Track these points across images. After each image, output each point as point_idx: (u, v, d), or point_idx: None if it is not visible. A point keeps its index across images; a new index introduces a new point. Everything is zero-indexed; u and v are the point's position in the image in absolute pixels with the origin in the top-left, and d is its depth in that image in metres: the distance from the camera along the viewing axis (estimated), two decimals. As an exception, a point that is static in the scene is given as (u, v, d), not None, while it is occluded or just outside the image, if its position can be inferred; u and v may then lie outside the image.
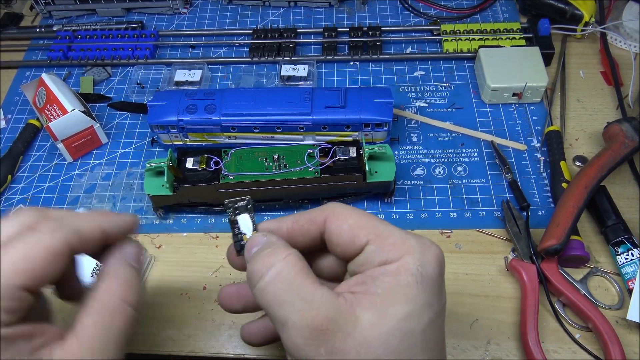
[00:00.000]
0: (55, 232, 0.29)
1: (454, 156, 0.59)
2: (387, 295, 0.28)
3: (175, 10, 0.78)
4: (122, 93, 0.69)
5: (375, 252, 0.30)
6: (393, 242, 0.30)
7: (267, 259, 0.29)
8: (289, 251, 0.30)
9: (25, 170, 0.62)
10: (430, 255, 0.29)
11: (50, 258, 0.28)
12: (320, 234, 0.32)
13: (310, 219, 0.32)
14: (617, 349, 0.43)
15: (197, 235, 0.55)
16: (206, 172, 0.53)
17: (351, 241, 0.31)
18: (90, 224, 0.31)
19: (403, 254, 0.29)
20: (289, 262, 0.29)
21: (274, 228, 0.33)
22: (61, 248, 0.29)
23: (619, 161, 0.52)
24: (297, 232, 0.33)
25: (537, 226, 0.52)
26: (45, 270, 0.28)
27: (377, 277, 0.29)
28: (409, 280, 0.28)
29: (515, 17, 0.72)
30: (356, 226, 0.31)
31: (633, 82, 0.63)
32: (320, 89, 0.58)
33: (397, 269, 0.29)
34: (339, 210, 0.32)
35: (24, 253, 0.28)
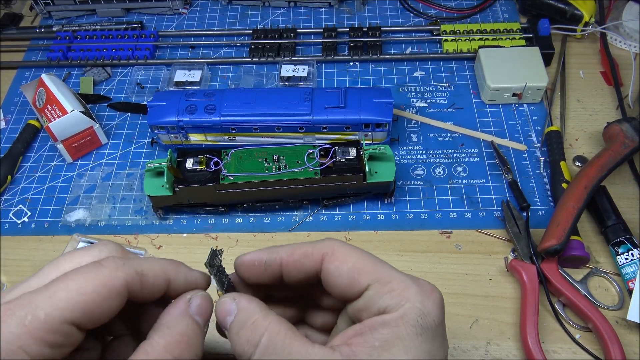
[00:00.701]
0: (117, 271, 0.27)
1: (454, 156, 0.59)
2: (385, 347, 0.27)
3: (175, 10, 0.78)
4: (122, 93, 0.69)
5: (374, 298, 0.29)
6: (393, 287, 0.29)
7: (250, 335, 0.28)
8: (268, 319, 0.28)
9: (25, 170, 0.62)
10: (431, 304, 0.29)
11: (107, 296, 0.26)
12: (316, 272, 0.31)
13: (306, 253, 0.31)
14: (617, 349, 0.43)
15: (197, 236, 0.55)
16: (206, 172, 0.53)
17: (350, 285, 0.29)
18: (156, 269, 0.29)
19: (403, 302, 0.28)
20: (273, 333, 0.28)
21: (262, 260, 0.32)
22: (119, 288, 0.27)
23: (619, 161, 0.52)
24: (292, 266, 0.31)
25: (537, 226, 0.52)
26: (97, 308, 0.26)
27: (375, 328, 0.28)
28: (409, 331, 0.27)
29: (515, 17, 0.72)
30: (356, 270, 0.29)
31: (633, 82, 0.63)
32: (320, 89, 0.58)
33: (396, 321, 0.27)
34: (337, 249, 0.31)
35: (79, 287, 0.26)
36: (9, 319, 0.24)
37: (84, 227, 0.57)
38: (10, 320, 0.24)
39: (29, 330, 0.24)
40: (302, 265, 0.31)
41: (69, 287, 0.26)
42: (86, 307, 0.26)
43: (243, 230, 0.55)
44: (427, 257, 0.52)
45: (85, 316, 0.26)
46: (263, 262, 0.31)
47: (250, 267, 0.32)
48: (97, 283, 0.26)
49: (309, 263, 0.31)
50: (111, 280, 0.27)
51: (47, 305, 0.25)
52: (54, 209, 0.59)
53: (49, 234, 0.57)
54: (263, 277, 0.32)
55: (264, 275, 0.32)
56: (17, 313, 0.24)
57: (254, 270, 0.32)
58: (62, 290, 0.25)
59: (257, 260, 0.32)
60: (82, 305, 0.25)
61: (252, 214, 0.56)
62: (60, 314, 0.25)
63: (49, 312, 0.24)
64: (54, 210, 0.59)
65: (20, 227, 0.58)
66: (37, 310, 0.24)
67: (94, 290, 0.26)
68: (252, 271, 0.32)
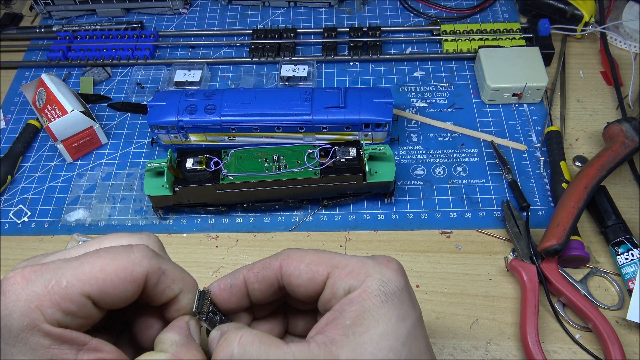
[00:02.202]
0: (143, 259, 0.28)
1: (454, 156, 0.59)
2: (357, 323, 0.28)
3: (175, 10, 0.78)
4: (122, 93, 0.69)
5: (337, 283, 0.30)
6: (351, 269, 0.30)
7: (223, 351, 0.28)
8: (240, 332, 0.29)
9: (25, 170, 0.62)
10: (389, 272, 0.30)
11: (125, 280, 0.28)
12: (277, 280, 0.32)
13: (264, 265, 0.32)
14: (617, 349, 0.43)
15: (197, 236, 0.55)
16: (206, 172, 0.53)
17: (312, 278, 0.30)
18: (177, 275, 0.30)
19: (363, 278, 0.29)
20: (245, 343, 0.28)
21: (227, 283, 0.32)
22: (139, 276, 0.28)
23: (619, 161, 0.52)
24: (253, 279, 0.32)
25: (537, 226, 0.52)
26: (114, 289, 0.27)
27: (343, 309, 0.29)
28: (375, 301, 0.28)
29: (515, 17, 0.72)
30: (313, 263, 0.31)
31: (633, 82, 0.63)
32: (320, 89, 0.58)
33: (360, 295, 0.28)
34: (292, 253, 0.32)
35: (103, 264, 0.27)
36: (37, 279, 0.26)
37: (84, 227, 0.57)
38: (37, 280, 0.26)
39: (48, 293, 0.26)
40: (262, 277, 0.32)
41: (95, 263, 0.27)
42: (104, 285, 0.27)
43: (243, 230, 0.55)
44: (427, 257, 0.52)
45: (101, 293, 0.27)
46: (228, 286, 0.32)
47: (219, 295, 0.32)
48: (121, 265, 0.28)
49: (269, 273, 0.32)
50: (134, 266, 0.28)
51: (71, 275, 0.27)
52: (54, 208, 0.59)
53: (49, 233, 0.57)
54: (232, 301, 0.32)
55: (233, 298, 0.32)
56: (44, 276, 0.27)
57: (223, 297, 0.32)
58: (88, 264, 0.27)
59: (222, 286, 0.32)
60: (100, 282, 0.27)
61: (252, 213, 0.56)
62: (79, 285, 0.26)
63: (70, 281, 0.26)
64: (54, 210, 0.59)
65: (20, 227, 0.58)
66: (61, 278, 0.26)
67: (115, 271, 0.27)
68: (221, 298, 0.32)
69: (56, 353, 0.26)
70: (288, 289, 0.32)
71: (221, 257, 0.54)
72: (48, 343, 0.26)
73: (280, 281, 0.32)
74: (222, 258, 0.53)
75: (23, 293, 0.26)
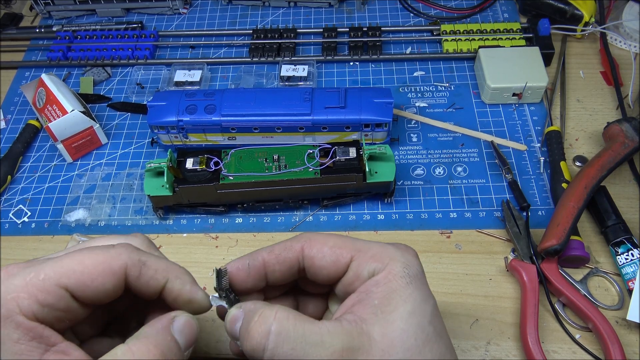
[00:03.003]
0: (121, 254, 0.29)
1: (454, 156, 0.59)
2: (385, 303, 0.29)
3: (175, 10, 0.78)
4: (122, 93, 0.69)
5: (361, 265, 0.31)
6: (374, 253, 0.31)
7: (260, 328, 0.29)
8: (274, 308, 0.29)
9: (25, 170, 0.62)
10: (409, 257, 0.31)
11: (102, 273, 0.29)
12: (298, 262, 0.33)
13: (285, 247, 0.33)
14: (617, 349, 0.43)
15: (197, 236, 0.55)
16: (206, 172, 0.53)
17: (336, 261, 0.32)
18: (160, 266, 0.30)
19: (387, 262, 0.31)
20: (281, 319, 0.29)
21: (245, 264, 0.33)
22: (116, 268, 0.29)
23: (619, 161, 0.52)
24: (274, 261, 0.32)
25: (537, 226, 0.52)
26: (91, 281, 0.28)
27: (370, 290, 0.30)
28: (401, 282, 0.30)
29: (515, 17, 0.72)
30: (337, 247, 0.32)
31: (633, 82, 0.63)
32: (320, 89, 0.58)
33: (386, 277, 0.30)
34: (314, 236, 0.33)
35: (81, 258, 0.29)
36: (18, 273, 0.28)
37: (84, 227, 0.57)
38: (18, 274, 0.28)
39: (26, 285, 0.27)
40: (284, 259, 0.32)
41: (74, 258, 0.28)
42: (81, 277, 0.28)
43: (243, 230, 0.55)
44: (427, 257, 0.52)
45: (79, 286, 0.28)
46: (246, 266, 0.32)
47: (236, 275, 0.33)
48: (99, 259, 0.29)
49: (290, 254, 0.32)
50: (112, 259, 0.29)
51: (49, 268, 0.28)
52: (54, 209, 0.59)
53: (49, 234, 0.57)
54: (249, 282, 0.33)
55: (250, 279, 0.33)
56: (25, 270, 0.28)
57: (240, 277, 0.33)
58: (67, 259, 0.28)
59: (240, 266, 0.33)
60: (78, 275, 0.28)
61: (252, 214, 0.56)
62: (56, 277, 0.28)
63: (47, 274, 0.28)
64: (54, 210, 0.59)
65: (20, 227, 0.58)
66: (40, 272, 0.28)
67: (93, 264, 0.28)
68: (238, 279, 0.33)
69: (22, 349, 0.26)
70: (309, 271, 0.33)
71: (221, 257, 0.54)
72: (17, 336, 0.26)
73: (302, 263, 0.33)
74: (222, 258, 0.53)
75: (3, 286, 0.27)
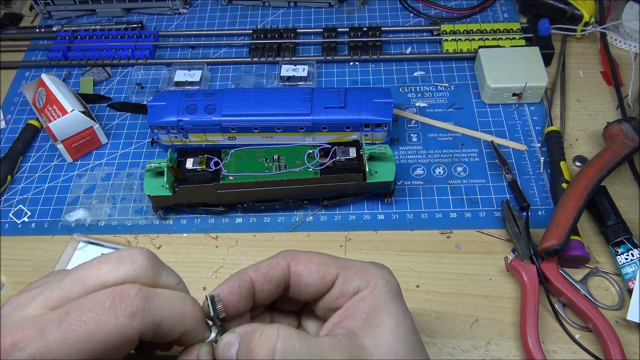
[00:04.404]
0: (133, 320, 0.25)
1: (454, 156, 0.59)
2: (373, 316, 0.31)
3: (175, 10, 0.78)
4: (122, 93, 0.69)
5: (345, 283, 0.32)
6: (357, 270, 0.33)
7: (265, 347, 0.28)
8: (275, 327, 0.29)
9: (25, 170, 0.62)
10: (388, 274, 0.33)
11: (116, 346, 0.25)
12: (284, 279, 0.33)
13: (271, 264, 0.33)
14: (617, 349, 0.43)
15: (197, 236, 0.55)
16: (206, 172, 0.53)
17: (322, 278, 0.33)
18: (174, 319, 0.27)
19: (370, 278, 0.32)
20: (285, 337, 0.28)
21: (235, 285, 0.32)
22: (131, 339, 0.26)
23: (619, 161, 0.52)
24: (262, 280, 0.32)
25: (537, 226, 0.52)
26: (105, 356, 0.25)
27: (356, 306, 0.32)
28: (384, 297, 0.31)
29: (515, 17, 0.72)
30: (323, 264, 0.33)
31: (633, 82, 0.63)
32: (320, 89, 0.58)
33: (371, 292, 0.32)
34: (298, 254, 0.33)
35: (90, 334, 0.25)
36: (18, 354, 0.24)
37: (84, 227, 0.57)
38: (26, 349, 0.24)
39: None
40: (271, 277, 0.33)
41: (80, 331, 0.25)
42: (94, 355, 0.25)
43: (243, 230, 0.55)
44: (427, 257, 0.52)
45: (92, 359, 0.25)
46: (237, 288, 0.32)
47: (228, 298, 0.32)
48: (108, 333, 0.25)
49: (277, 272, 0.33)
50: (124, 330, 0.25)
51: (56, 348, 0.24)
52: (54, 208, 0.59)
53: (49, 233, 0.57)
54: (241, 304, 0.32)
55: (242, 302, 0.32)
56: (26, 350, 0.24)
57: (233, 300, 0.32)
58: (71, 334, 0.25)
59: (231, 289, 0.32)
60: (89, 354, 0.25)
61: (252, 214, 0.56)
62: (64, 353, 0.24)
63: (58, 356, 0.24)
64: (54, 210, 0.59)
65: (20, 227, 0.58)
66: (47, 352, 0.24)
67: (104, 341, 0.25)
68: (230, 302, 0.32)
69: None
70: (294, 288, 0.33)
71: (221, 257, 0.54)
72: None
73: (287, 280, 0.33)
74: (222, 258, 0.53)
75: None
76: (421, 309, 0.48)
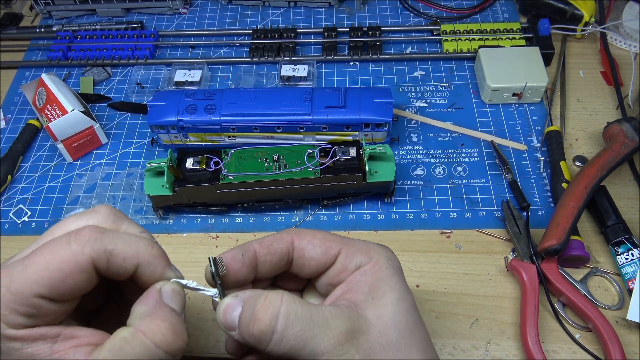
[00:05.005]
0: (85, 247, 0.28)
1: (454, 156, 0.59)
2: (375, 289, 0.32)
3: (175, 10, 0.78)
4: (122, 93, 0.69)
5: (348, 258, 0.33)
6: (359, 247, 0.34)
7: (268, 310, 0.29)
8: (279, 292, 0.30)
9: (25, 170, 0.62)
10: (390, 253, 0.34)
11: (71, 272, 0.28)
12: (288, 253, 0.34)
13: (276, 238, 0.34)
14: (617, 349, 0.43)
15: (197, 236, 0.55)
16: (206, 172, 0.53)
17: (325, 252, 0.34)
18: (127, 251, 0.30)
19: (372, 255, 0.33)
20: (289, 302, 0.30)
21: (238, 254, 0.33)
22: (84, 265, 0.28)
23: (619, 161, 0.52)
24: (265, 252, 0.34)
25: (537, 226, 0.52)
26: (63, 283, 0.28)
27: (358, 280, 0.33)
28: (386, 272, 0.33)
29: (515, 17, 0.72)
30: (325, 239, 0.34)
31: (633, 82, 0.63)
32: (320, 89, 0.58)
33: (373, 268, 0.33)
34: (302, 230, 0.35)
35: (46, 262, 0.28)
36: None
37: (84, 227, 0.57)
38: None
39: (4, 302, 0.27)
40: (275, 250, 0.34)
41: (38, 262, 0.28)
42: (52, 282, 0.28)
43: (243, 230, 0.55)
44: (427, 257, 0.52)
45: (52, 290, 0.28)
46: (240, 256, 0.33)
47: (231, 265, 0.33)
48: (62, 260, 0.28)
49: (281, 245, 0.34)
50: (76, 257, 0.28)
51: (18, 280, 0.27)
52: (54, 208, 0.59)
53: (49, 233, 0.57)
54: (242, 272, 0.33)
55: (243, 269, 0.33)
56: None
57: (234, 267, 0.33)
58: (32, 266, 0.28)
59: (234, 256, 0.33)
60: (47, 281, 0.27)
61: (252, 213, 0.56)
62: (28, 289, 0.27)
63: (19, 287, 0.27)
64: (54, 209, 0.59)
65: (21, 226, 0.58)
66: (10, 284, 0.27)
67: (58, 266, 0.28)
68: (232, 269, 0.33)
69: (31, 352, 0.27)
70: (297, 262, 0.34)
71: (221, 257, 0.53)
72: (19, 345, 0.27)
73: (291, 254, 0.34)
74: (222, 258, 0.53)
75: None
76: (421, 308, 0.48)
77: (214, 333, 0.49)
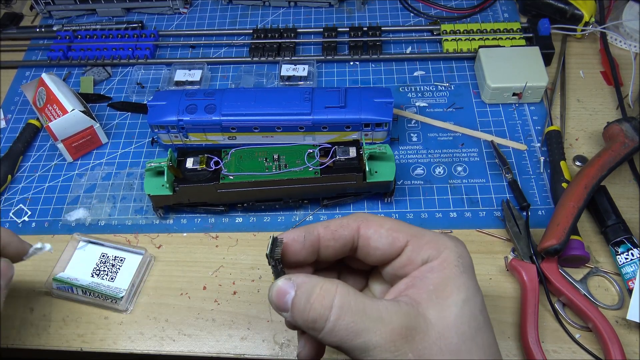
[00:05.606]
0: None
1: (454, 156, 0.59)
2: (440, 289, 0.30)
3: (175, 10, 0.78)
4: (122, 93, 0.69)
5: (415, 251, 0.32)
6: (429, 240, 0.32)
7: (323, 300, 0.29)
8: (334, 283, 0.30)
9: (25, 170, 0.62)
10: (462, 248, 0.33)
11: None
12: (353, 240, 0.33)
13: (342, 224, 0.33)
14: (617, 349, 0.43)
15: (197, 235, 0.55)
16: (206, 172, 0.53)
17: (392, 243, 0.32)
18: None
19: (442, 250, 0.32)
20: (343, 293, 0.30)
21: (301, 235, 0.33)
22: None
23: (619, 161, 0.52)
24: (329, 237, 0.33)
25: (537, 226, 0.52)
26: None
27: (424, 276, 0.31)
28: (455, 271, 0.31)
29: (515, 17, 0.72)
30: (393, 230, 0.33)
31: (633, 82, 0.63)
32: (320, 89, 0.58)
33: (441, 264, 0.31)
34: (370, 217, 0.33)
35: None
36: None
37: (84, 227, 0.57)
38: None
39: None
40: (339, 236, 0.33)
41: None
42: None
43: (243, 230, 0.55)
44: (427, 257, 0.52)
45: None
46: (302, 238, 0.33)
47: (291, 245, 0.33)
48: None
49: (346, 232, 0.33)
50: None
51: None
52: (54, 208, 0.59)
53: (49, 233, 0.57)
54: (302, 254, 0.33)
55: (304, 252, 0.33)
56: None
57: (295, 248, 0.33)
58: None
59: (296, 237, 0.33)
60: None
61: (252, 213, 0.56)
62: None
63: None
64: (54, 209, 0.59)
65: (21, 226, 0.58)
66: None
67: None
68: (292, 249, 0.33)
69: None
70: (362, 250, 0.34)
71: (221, 257, 0.54)
72: None
73: (356, 242, 0.33)
74: (222, 258, 0.53)
75: None
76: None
77: (214, 332, 0.49)
